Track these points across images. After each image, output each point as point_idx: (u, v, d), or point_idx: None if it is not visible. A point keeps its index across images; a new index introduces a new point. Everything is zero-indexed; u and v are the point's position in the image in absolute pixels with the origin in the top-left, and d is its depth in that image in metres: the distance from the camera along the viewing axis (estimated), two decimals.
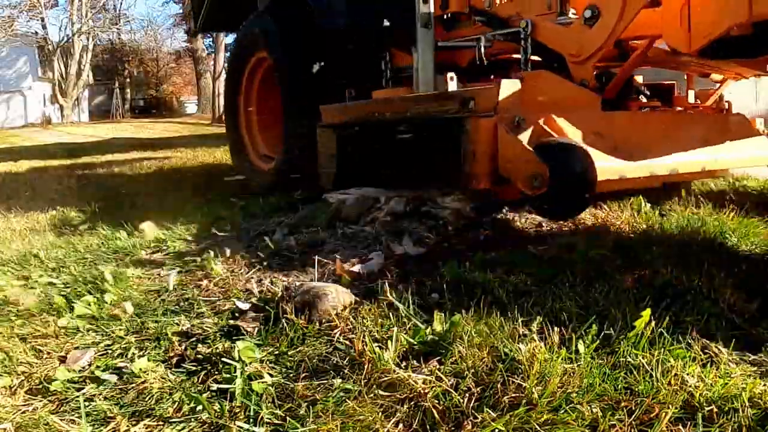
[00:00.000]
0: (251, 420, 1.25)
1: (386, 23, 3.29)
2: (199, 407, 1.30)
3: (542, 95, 2.25)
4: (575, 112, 2.18)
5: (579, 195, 2.00)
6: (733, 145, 2.64)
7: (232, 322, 1.67)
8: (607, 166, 2.07)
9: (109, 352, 1.58)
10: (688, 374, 1.26)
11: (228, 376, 1.39)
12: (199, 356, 1.52)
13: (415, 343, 1.44)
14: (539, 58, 2.71)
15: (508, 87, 2.10)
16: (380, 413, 1.21)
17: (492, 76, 2.90)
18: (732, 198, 2.88)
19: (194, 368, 1.47)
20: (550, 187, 1.91)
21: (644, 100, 2.88)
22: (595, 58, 2.39)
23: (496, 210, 2.66)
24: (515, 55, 2.83)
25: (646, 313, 1.47)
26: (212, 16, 5.27)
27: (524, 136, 2.05)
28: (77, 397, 1.38)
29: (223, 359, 1.46)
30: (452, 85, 2.46)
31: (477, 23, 2.92)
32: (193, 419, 1.27)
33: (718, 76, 3.10)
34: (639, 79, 3.03)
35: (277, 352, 1.50)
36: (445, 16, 3.11)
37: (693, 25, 2.22)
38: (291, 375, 1.40)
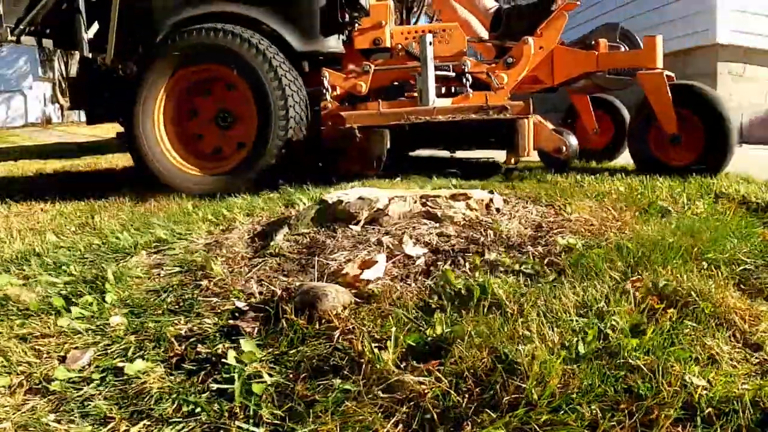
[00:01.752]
0: (251, 420, 1.25)
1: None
2: (199, 408, 1.30)
3: None
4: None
5: (576, 154, 3.85)
6: None
7: (231, 322, 1.67)
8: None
9: (109, 352, 1.58)
10: (688, 375, 1.25)
11: (227, 376, 1.39)
12: (199, 356, 1.52)
13: (415, 344, 1.44)
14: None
15: (530, 101, 3.63)
16: (380, 414, 1.21)
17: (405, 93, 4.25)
18: (733, 198, 2.89)
19: (194, 368, 1.47)
20: (569, 152, 3.62)
21: None
22: (511, 86, 3.95)
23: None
24: (412, 81, 4.09)
25: (646, 313, 1.47)
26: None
27: (548, 126, 3.69)
28: (77, 397, 1.39)
29: (223, 360, 1.46)
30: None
31: (402, 56, 4.20)
32: (192, 419, 1.27)
33: None
34: None
35: (276, 353, 1.50)
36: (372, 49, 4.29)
37: (555, 69, 4.05)
38: (291, 375, 1.40)
